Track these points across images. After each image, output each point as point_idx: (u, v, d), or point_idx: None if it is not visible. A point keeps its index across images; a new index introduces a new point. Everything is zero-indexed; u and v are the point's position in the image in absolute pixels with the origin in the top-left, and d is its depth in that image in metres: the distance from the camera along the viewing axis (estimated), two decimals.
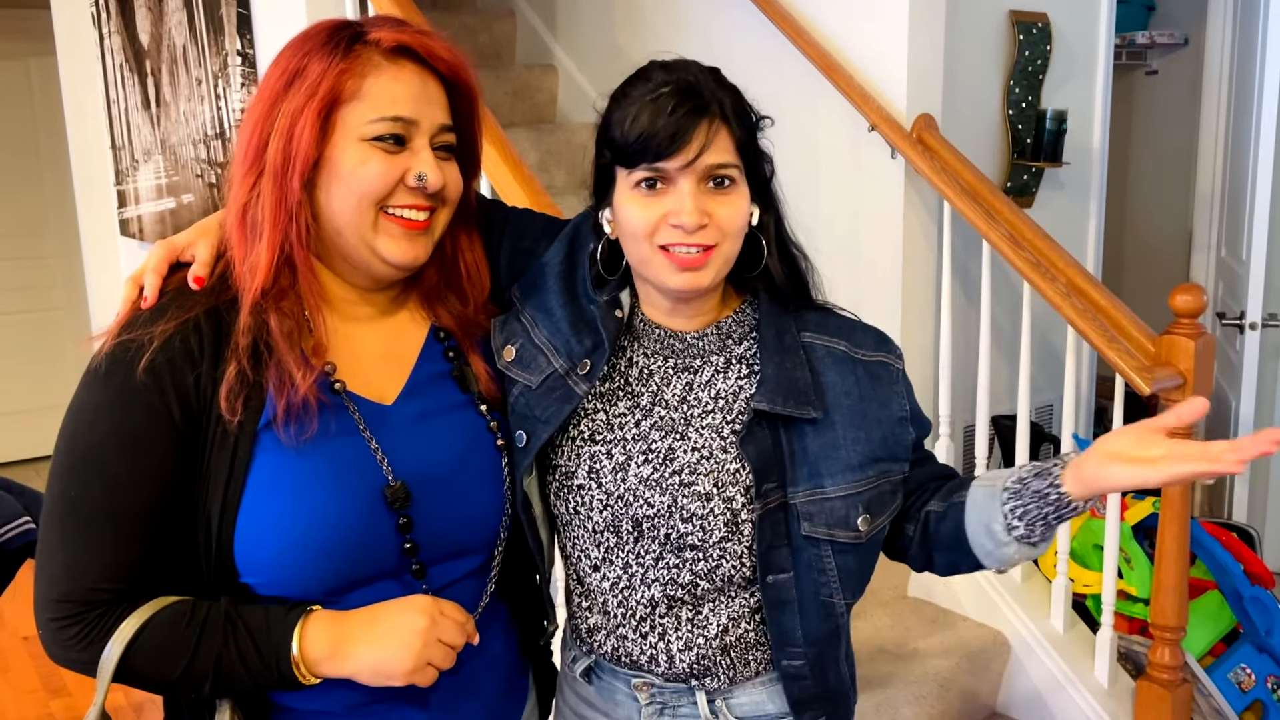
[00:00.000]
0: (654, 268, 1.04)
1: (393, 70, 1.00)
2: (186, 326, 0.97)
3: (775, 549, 1.06)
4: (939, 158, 2.55)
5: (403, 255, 1.02)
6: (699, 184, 1.01)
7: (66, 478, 0.95)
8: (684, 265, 1.03)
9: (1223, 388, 3.18)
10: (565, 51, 3.72)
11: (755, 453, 1.05)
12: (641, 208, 1.03)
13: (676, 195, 1.01)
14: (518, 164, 2.05)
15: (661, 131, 0.99)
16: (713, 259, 1.03)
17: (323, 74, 0.98)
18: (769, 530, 1.05)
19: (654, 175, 1.01)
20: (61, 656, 0.96)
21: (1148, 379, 2.06)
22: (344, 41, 1.00)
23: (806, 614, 1.08)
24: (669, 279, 1.04)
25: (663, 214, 1.02)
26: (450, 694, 1.08)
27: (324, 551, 0.97)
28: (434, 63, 1.02)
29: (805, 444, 1.06)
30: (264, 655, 0.95)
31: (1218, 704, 2.28)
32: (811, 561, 1.06)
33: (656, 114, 0.99)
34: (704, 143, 1.00)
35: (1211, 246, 3.47)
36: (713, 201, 1.02)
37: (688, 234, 1.01)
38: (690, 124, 0.99)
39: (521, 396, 1.11)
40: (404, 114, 1.00)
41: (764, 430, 1.06)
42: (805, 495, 1.05)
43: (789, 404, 1.05)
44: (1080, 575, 2.51)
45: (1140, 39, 3.84)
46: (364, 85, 0.99)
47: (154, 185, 3.49)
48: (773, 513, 1.05)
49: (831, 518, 1.05)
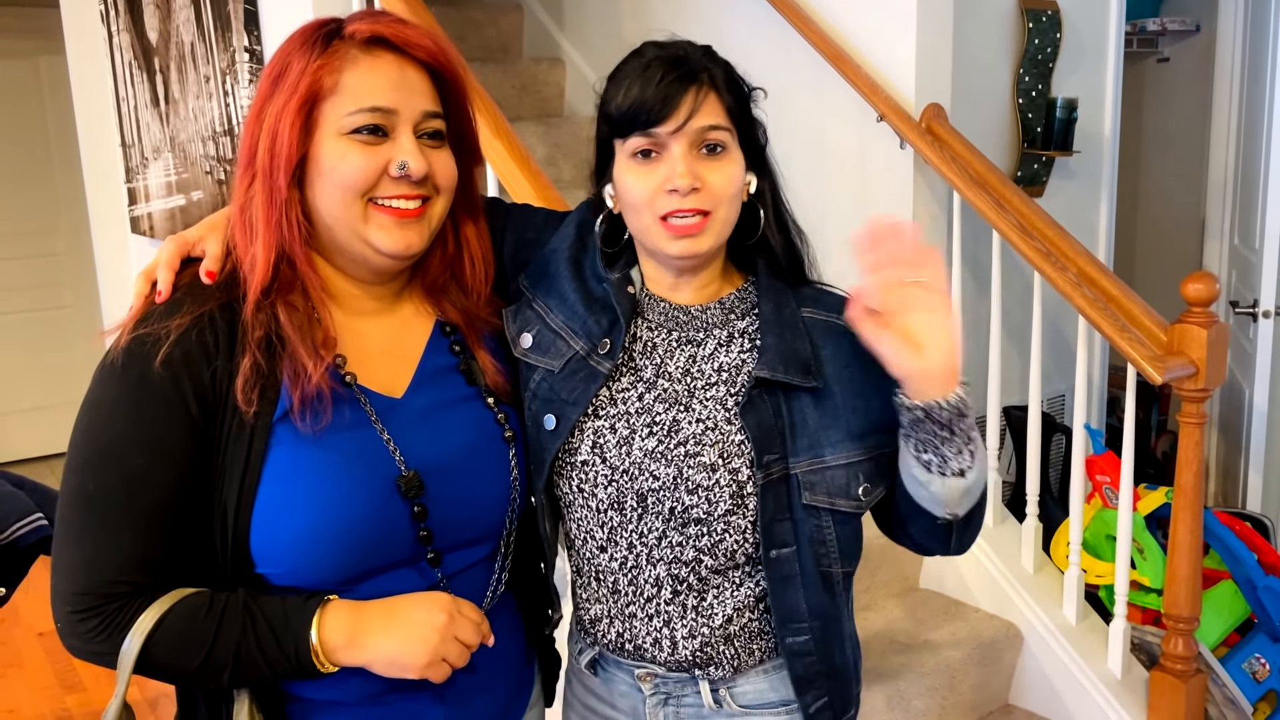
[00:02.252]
0: (654, 237, 1.07)
1: (369, 62, 1.00)
2: (201, 321, 0.98)
3: (778, 522, 1.07)
4: (948, 147, 2.54)
5: (394, 244, 1.02)
6: (691, 149, 1.04)
7: (83, 472, 0.96)
8: (681, 233, 1.05)
9: (1236, 377, 3.16)
10: (573, 45, 3.71)
11: (756, 422, 1.06)
12: (638, 177, 1.05)
13: (669, 161, 1.04)
14: (525, 158, 2.05)
15: (652, 98, 1.02)
16: (709, 225, 1.05)
17: (302, 72, 0.99)
18: (771, 503, 1.06)
19: (648, 144, 1.04)
20: (80, 649, 0.97)
21: (1160, 368, 2.05)
22: (321, 38, 1.01)
23: (809, 587, 1.09)
24: (668, 246, 1.06)
25: (660, 181, 1.04)
26: (463, 686, 1.08)
27: (339, 541, 0.98)
28: (412, 50, 1.02)
29: (805, 415, 1.07)
30: (283, 644, 0.96)
31: (1232, 694, 2.27)
32: (812, 533, 1.08)
33: (647, 83, 1.03)
34: (693, 107, 1.03)
35: (1224, 234, 3.45)
36: (705, 167, 1.04)
37: (682, 198, 1.03)
38: (679, 90, 1.03)
39: (544, 382, 1.12)
40: (381, 103, 1.00)
41: (765, 401, 1.07)
42: (806, 465, 1.06)
43: (790, 372, 1.07)
44: (1093, 566, 2.50)
45: (1151, 26, 3.81)
46: (341, 79, 0.99)
47: (164, 182, 3.50)
48: (775, 484, 1.06)
49: (832, 487, 1.06)
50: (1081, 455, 2.37)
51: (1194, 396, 2.09)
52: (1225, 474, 3.29)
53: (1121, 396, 2.35)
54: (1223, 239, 3.46)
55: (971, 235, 2.72)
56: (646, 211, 1.05)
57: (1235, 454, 3.19)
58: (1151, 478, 3.28)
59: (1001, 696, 2.51)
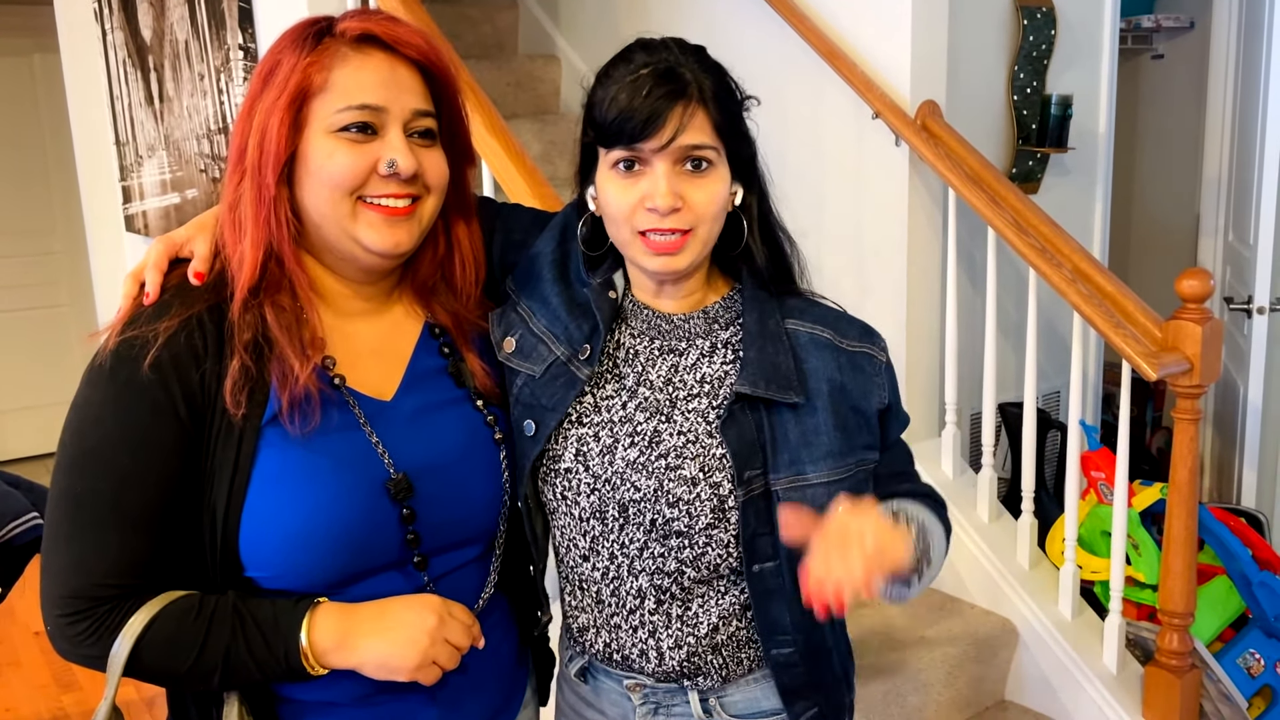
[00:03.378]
0: (632, 250, 1.06)
1: (359, 59, 1.00)
2: (190, 323, 0.98)
3: (760, 536, 1.06)
4: (943, 144, 2.54)
5: (383, 242, 1.02)
6: (674, 166, 1.02)
7: (72, 474, 0.95)
8: (659, 250, 1.03)
9: (1230, 373, 3.17)
10: (568, 42, 3.70)
11: (736, 437, 1.05)
12: (619, 190, 1.03)
13: (651, 178, 1.02)
14: (520, 155, 2.05)
15: (638, 113, 1.00)
16: (689, 243, 1.04)
17: (291, 69, 0.99)
18: (753, 518, 1.05)
19: (631, 156, 1.02)
20: (70, 652, 0.97)
21: (1154, 364, 2.06)
22: (312, 36, 1.00)
23: (793, 600, 1.07)
24: (646, 262, 1.05)
25: (640, 197, 1.02)
26: (455, 688, 1.08)
27: (328, 544, 0.98)
28: (402, 49, 1.02)
29: (787, 430, 1.06)
30: (273, 647, 0.96)
31: (1226, 689, 2.27)
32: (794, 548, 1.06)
33: (634, 95, 1.00)
34: (679, 125, 1.00)
35: (1219, 231, 3.45)
36: (689, 184, 1.02)
37: (662, 217, 1.02)
38: (666, 106, 1.00)
39: (526, 386, 1.11)
40: (370, 101, 0.99)
41: (746, 415, 1.06)
42: (787, 482, 1.05)
43: (770, 388, 1.05)
44: (1088, 562, 2.50)
45: (1146, 23, 3.81)
46: (331, 77, 0.99)
47: (158, 180, 3.49)
48: (755, 500, 1.05)
49: (813, 504, 1.04)
50: (1076, 451, 2.37)
51: (1188, 392, 2.09)
52: (1220, 470, 3.29)
53: (1116, 393, 2.35)
54: (1217, 235, 3.46)
55: (966, 232, 2.72)
56: (625, 225, 1.04)
57: (1230, 450, 3.19)
58: (1146, 474, 3.28)
59: (997, 692, 2.51)
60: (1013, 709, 2.49)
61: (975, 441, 2.86)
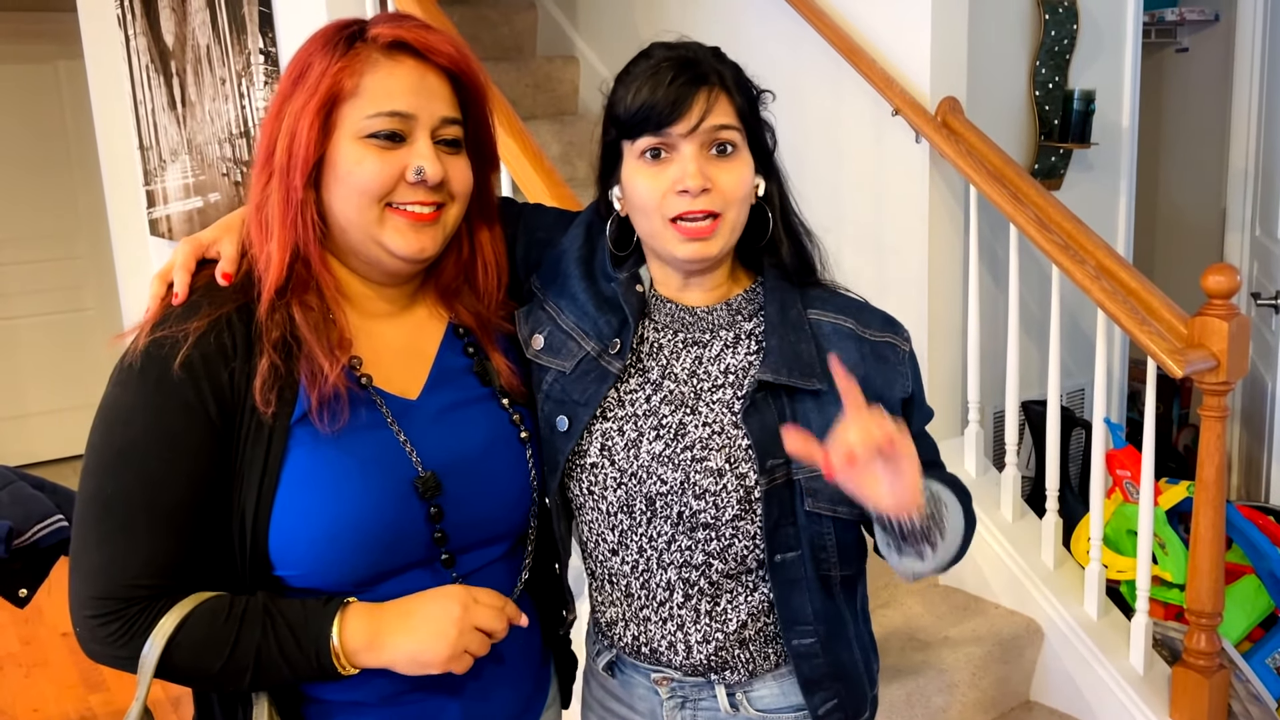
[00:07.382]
0: (663, 240, 1.06)
1: (389, 66, 1.00)
2: (219, 323, 0.98)
3: (782, 527, 1.06)
4: (964, 141, 2.52)
5: (408, 247, 1.02)
6: (701, 150, 1.03)
7: (102, 475, 0.96)
8: (691, 236, 1.04)
9: (1258, 369, 3.13)
10: (586, 43, 3.71)
11: (759, 425, 1.06)
12: (647, 179, 1.05)
13: (680, 162, 1.03)
14: (539, 156, 2.05)
15: (663, 100, 1.02)
16: (719, 228, 1.05)
17: (322, 73, 0.99)
18: (775, 508, 1.06)
19: (658, 144, 1.04)
20: (100, 653, 0.98)
21: (1180, 361, 2.04)
22: (344, 40, 1.01)
23: (814, 591, 1.09)
24: (678, 250, 1.06)
25: (669, 183, 1.03)
26: (482, 683, 1.08)
27: (357, 543, 0.99)
28: (433, 56, 1.02)
29: (809, 419, 1.06)
30: (304, 647, 0.96)
31: (1255, 689, 2.25)
32: (814, 539, 1.07)
33: (658, 85, 1.02)
34: (705, 108, 1.02)
35: (1245, 225, 3.41)
36: (716, 168, 1.04)
37: (693, 199, 1.03)
38: (690, 91, 1.02)
39: (556, 383, 1.12)
40: (400, 108, 1.00)
41: (768, 404, 1.06)
42: (809, 471, 1.05)
43: (793, 375, 1.06)
44: (1114, 561, 2.48)
45: (1170, 16, 3.78)
46: (362, 82, 0.99)
47: (181, 185, 3.52)
48: (779, 489, 1.06)
49: (835, 494, 1.04)
50: (1102, 450, 2.36)
51: (1215, 390, 2.07)
52: (1248, 467, 3.26)
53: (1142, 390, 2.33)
54: (1244, 230, 3.42)
55: (989, 229, 2.70)
56: (656, 214, 1.05)
57: (1258, 447, 3.16)
58: (1173, 472, 3.25)
59: (1022, 693, 2.50)
60: (1038, 710, 2.47)
61: (998, 440, 2.84)
